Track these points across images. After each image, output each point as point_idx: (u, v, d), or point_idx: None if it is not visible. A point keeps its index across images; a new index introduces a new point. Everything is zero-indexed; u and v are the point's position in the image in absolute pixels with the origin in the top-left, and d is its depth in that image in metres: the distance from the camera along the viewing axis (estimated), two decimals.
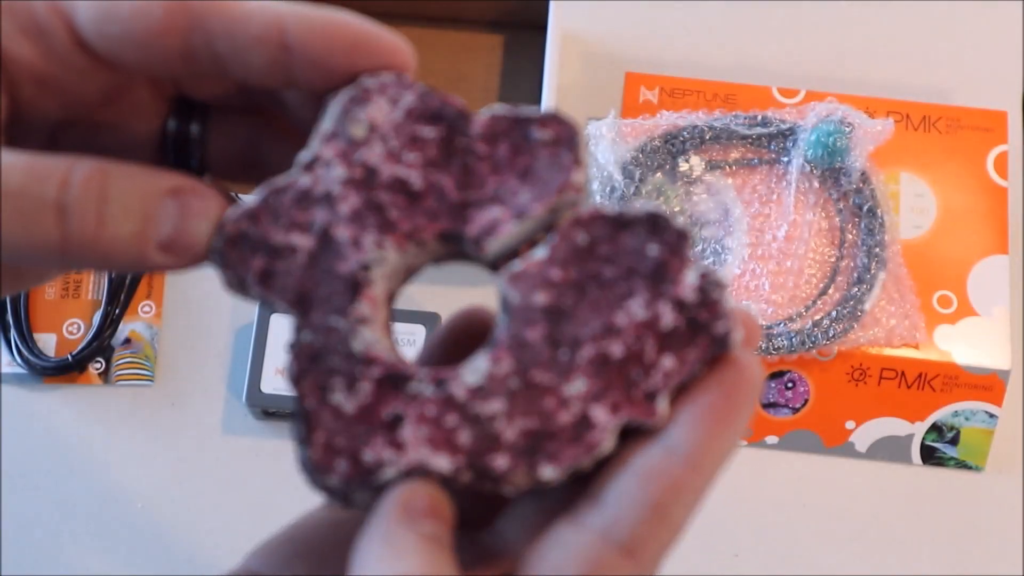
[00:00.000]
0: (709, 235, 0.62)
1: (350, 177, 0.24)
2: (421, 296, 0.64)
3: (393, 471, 0.22)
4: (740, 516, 0.62)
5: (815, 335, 0.60)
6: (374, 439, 0.22)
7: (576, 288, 0.23)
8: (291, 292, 0.23)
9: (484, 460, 0.22)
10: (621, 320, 0.23)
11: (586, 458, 0.22)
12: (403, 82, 0.25)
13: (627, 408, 0.22)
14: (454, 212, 0.24)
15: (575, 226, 0.23)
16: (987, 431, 0.62)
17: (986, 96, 0.69)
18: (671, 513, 0.22)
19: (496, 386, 0.23)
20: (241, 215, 0.24)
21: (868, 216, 0.62)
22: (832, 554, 0.61)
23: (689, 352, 0.23)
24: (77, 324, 0.64)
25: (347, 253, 0.23)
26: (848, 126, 0.61)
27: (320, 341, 0.23)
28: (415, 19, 0.71)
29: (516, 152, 0.24)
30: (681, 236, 0.23)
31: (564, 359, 0.23)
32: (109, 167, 0.23)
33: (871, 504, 0.62)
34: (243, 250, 0.23)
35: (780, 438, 0.62)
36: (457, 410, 0.23)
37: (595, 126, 0.62)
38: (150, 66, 0.24)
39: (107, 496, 0.61)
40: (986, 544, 0.61)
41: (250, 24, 0.23)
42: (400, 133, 0.24)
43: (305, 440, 0.22)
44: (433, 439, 0.22)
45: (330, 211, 0.23)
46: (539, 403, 0.22)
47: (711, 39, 0.71)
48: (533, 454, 0.22)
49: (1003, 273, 0.63)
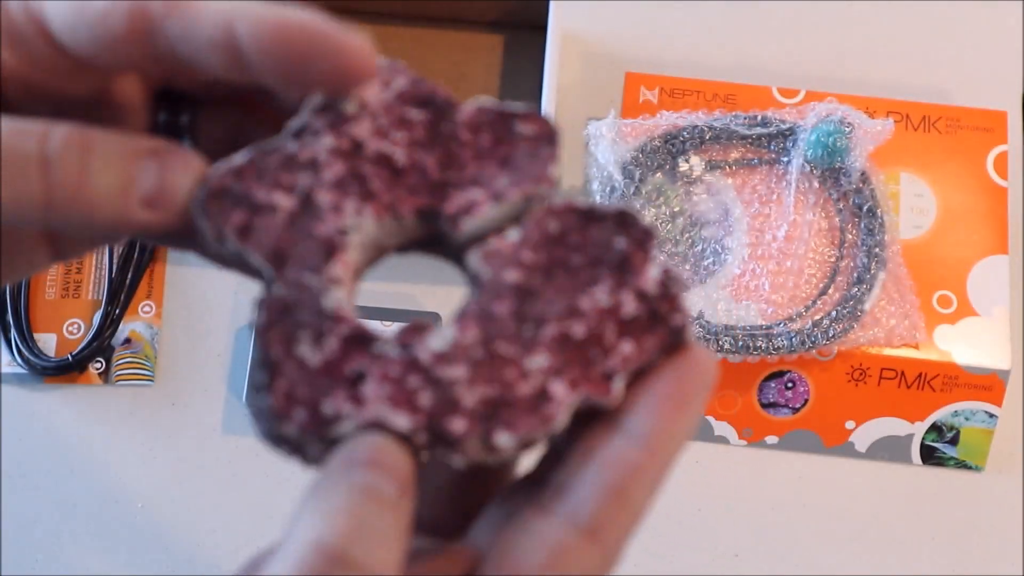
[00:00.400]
0: (709, 235, 0.62)
1: (337, 147, 0.25)
2: (422, 296, 0.64)
3: (350, 425, 0.22)
4: (740, 516, 0.62)
5: (815, 335, 0.60)
6: (335, 392, 0.23)
7: (544, 271, 0.24)
8: (268, 247, 0.24)
9: (442, 422, 0.23)
10: (585, 304, 0.24)
11: (541, 430, 0.23)
12: (396, 67, 0.25)
13: (585, 385, 0.23)
14: (434, 190, 0.25)
15: (548, 215, 0.25)
16: (987, 431, 0.62)
17: (986, 96, 0.69)
18: (632, 497, 0.22)
19: (460, 353, 0.23)
20: (226, 171, 0.24)
21: (868, 216, 0.62)
22: (832, 554, 0.61)
23: (647, 340, 0.24)
24: (77, 324, 0.64)
25: (327, 216, 0.24)
26: (848, 126, 0.61)
27: (292, 296, 0.23)
28: (415, 19, 0.71)
29: (498, 142, 0.25)
30: (647, 233, 0.24)
31: (528, 334, 0.24)
32: (88, 128, 0.23)
33: (871, 504, 0.62)
34: (225, 203, 0.24)
35: (780, 438, 0.62)
36: (420, 372, 0.23)
37: (595, 126, 0.62)
38: (126, 66, 0.24)
39: (107, 496, 0.61)
40: (986, 544, 0.61)
41: (202, 27, 0.23)
42: (389, 113, 0.25)
43: (265, 388, 0.23)
44: (394, 397, 0.23)
45: (314, 176, 0.24)
46: (500, 373, 0.23)
47: (711, 39, 0.71)
48: (490, 420, 0.23)
49: (1003, 273, 0.63)
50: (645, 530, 0.61)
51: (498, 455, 0.23)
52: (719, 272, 0.62)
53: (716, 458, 0.62)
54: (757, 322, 0.60)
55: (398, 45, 0.71)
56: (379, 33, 0.71)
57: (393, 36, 0.71)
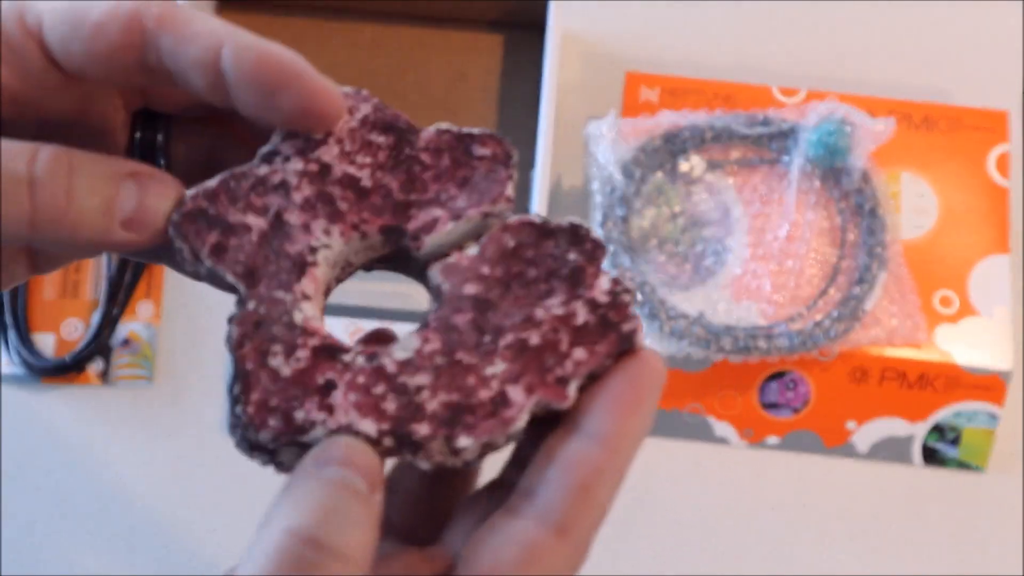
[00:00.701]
0: (710, 235, 0.62)
1: (306, 170, 0.26)
2: (421, 296, 0.64)
3: (322, 431, 0.24)
4: (741, 516, 0.62)
5: (816, 335, 0.59)
6: (307, 401, 0.24)
7: (502, 284, 0.26)
8: (241, 266, 0.25)
9: (407, 427, 0.24)
10: (540, 314, 0.25)
11: (501, 433, 0.24)
12: (361, 96, 0.27)
13: (541, 390, 0.24)
14: (397, 210, 0.26)
15: (505, 231, 0.26)
16: (988, 432, 0.61)
17: (987, 95, 0.69)
18: (596, 494, 0.24)
19: (423, 362, 0.25)
20: (200, 193, 0.26)
21: (869, 216, 0.62)
22: (833, 555, 0.61)
23: (599, 346, 0.25)
24: (76, 324, 0.63)
25: (297, 236, 0.26)
26: (849, 126, 0.61)
27: (264, 311, 0.25)
28: (415, 19, 0.71)
29: (457, 164, 0.27)
30: (597, 246, 0.26)
31: (487, 343, 0.25)
32: (73, 150, 0.25)
33: (872, 505, 0.62)
34: (199, 225, 0.25)
35: (781, 438, 0.62)
36: (386, 380, 0.24)
37: (595, 126, 0.62)
38: (113, 79, 0.26)
39: (107, 496, 0.61)
40: (987, 545, 0.61)
41: (193, 45, 0.25)
42: (355, 138, 0.27)
43: (241, 398, 0.24)
44: (361, 405, 0.24)
45: (285, 198, 0.26)
46: (462, 380, 0.25)
47: (712, 39, 0.71)
48: (452, 424, 0.24)
49: (1004, 273, 0.63)
50: (646, 530, 0.61)
51: (461, 457, 0.24)
52: (720, 272, 0.61)
53: (717, 458, 0.62)
54: (758, 322, 0.60)
55: (398, 45, 0.70)
56: (379, 33, 0.71)
57: (393, 36, 0.71)
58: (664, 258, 0.62)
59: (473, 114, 0.68)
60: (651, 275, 0.61)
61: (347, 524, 0.22)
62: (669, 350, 0.59)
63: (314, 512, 0.22)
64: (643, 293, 0.60)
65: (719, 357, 0.60)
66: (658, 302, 0.59)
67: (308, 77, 0.25)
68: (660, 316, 0.59)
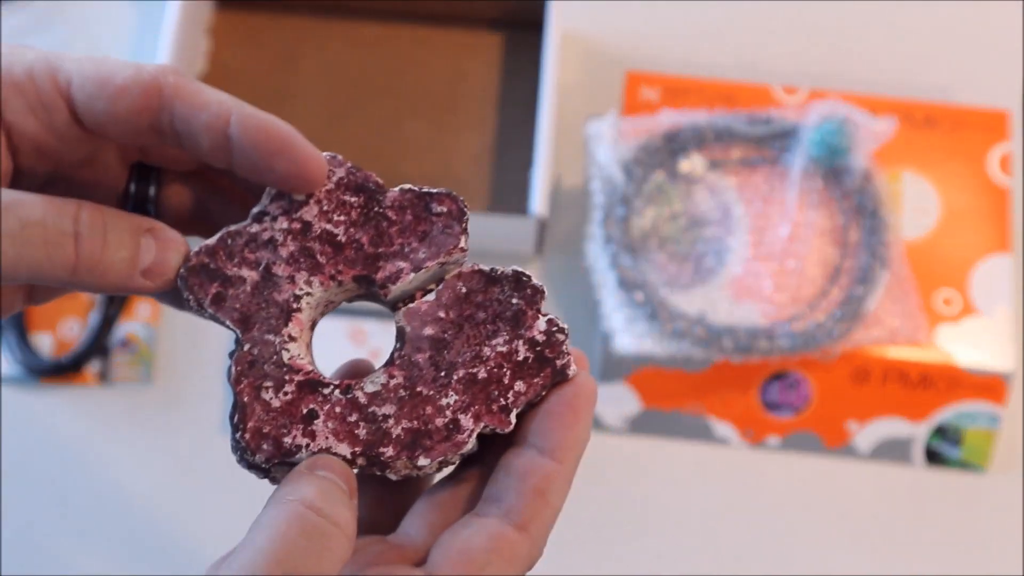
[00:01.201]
0: (711, 235, 0.62)
1: (290, 228, 0.31)
2: None
3: (306, 454, 0.29)
4: (741, 517, 0.62)
5: (817, 335, 0.59)
6: (293, 428, 0.29)
7: (455, 325, 0.31)
8: (237, 312, 0.30)
9: (376, 449, 0.29)
10: (487, 352, 0.30)
11: (453, 453, 0.29)
12: (336, 161, 0.31)
13: (487, 417, 0.30)
14: (368, 261, 0.31)
15: (459, 278, 0.31)
16: (990, 432, 0.61)
17: (988, 95, 0.68)
18: (549, 497, 0.29)
19: (389, 394, 0.30)
20: (203, 250, 0.30)
21: (871, 216, 0.62)
22: (834, 555, 0.61)
23: (536, 379, 0.30)
24: (73, 324, 0.63)
25: (283, 286, 0.31)
26: (851, 125, 0.61)
27: (257, 351, 0.30)
28: (415, 18, 0.70)
29: (418, 220, 0.31)
30: (537, 291, 0.31)
31: (442, 377, 0.30)
32: (104, 208, 0.29)
33: (873, 505, 0.62)
34: (202, 278, 0.30)
35: (782, 439, 0.62)
36: (358, 410, 0.30)
37: (595, 125, 0.62)
38: (126, 137, 0.30)
39: (105, 496, 0.61)
40: (990, 545, 0.61)
41: (204, 112, 0.29)
42: (331, 198, 0.31)
43: (239, 427, 0.29)
44: (338, 431, 0.29)
45: (273, 253, 0.31)
46: (421, 409, 0.30)
47: (713, 38, 0.71)
48: (414, 447, 0.29)
49: (1006, 273, 0.62)
50: (646, 530, 0.61)
51: (423, 471, 0.30)
52: (720, 272, 0.61)
53: (717, 459, 0.62)
54: (759, 322, 0.60)
55: (398, 45, 0.70)
56: (379, 33, 0.71)
57: (393, 36, 0.71)
58: (665, 258, 0.61)
59: (473, 114, 0.68)
60: (652, 275, 0.61)
61: (339, 504, 0.28)
62: (669, 350, 0.59)
63: (315, 492, 0.27)
64: (644, 293, 0.59)
65: (720, 357, 0.60)
66: (659, 302, 0.59)
67: (301, 146, 0.30)
68: (661, 316, 0.59)
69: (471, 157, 0.67)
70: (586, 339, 0.64)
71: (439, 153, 0.67)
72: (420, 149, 0.67)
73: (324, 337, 0.63)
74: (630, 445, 0.62)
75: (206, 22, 0.70)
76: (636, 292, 0.59)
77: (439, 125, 0.68)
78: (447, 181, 0.66)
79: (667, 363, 0.61)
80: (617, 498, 0.62)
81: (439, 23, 0.70)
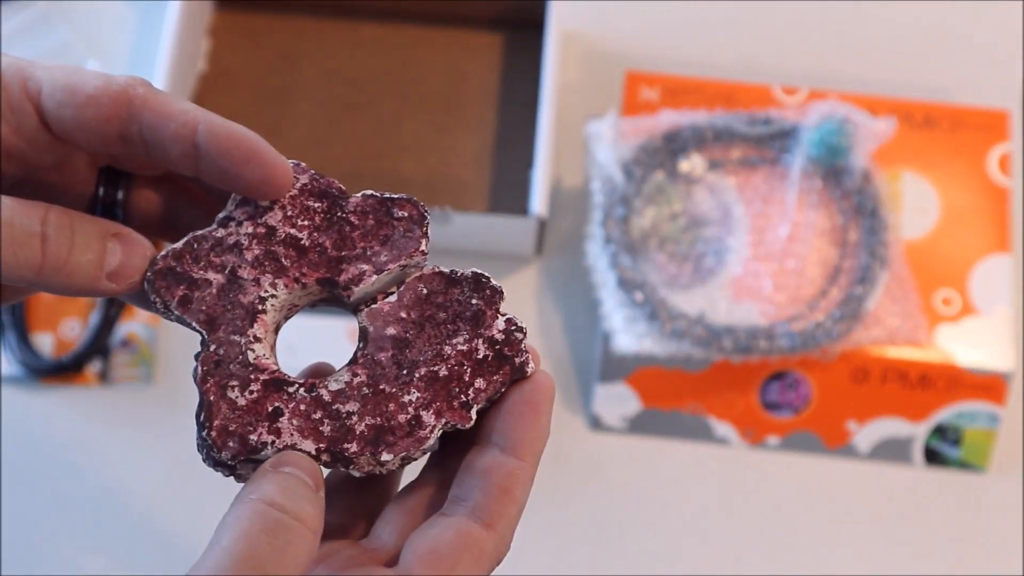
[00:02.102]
0: (710, 235, 0.62)
1: (255, 233, 0.31)
2: None
3: (272, 451, 0.30)
4: (741, 517, 0.62)
5: (817, 335, 0.59)
6: (259, 426, 0.30)
7: (417, 325, 0.31)
8: (203, 314, 0.31)
9: (340, 445, 0.30)
10: (448, 350, 0.31)
11: (416, 449, 0.30)
12: (300, 168, 0.32)
13: (448, 413, 0.30)
14: (331, 264, 0.32)
15: (419, 280, 0.32)
16: (990, 432, 0.61)
17: (988, 95, 0.68)
18: (514, 492, 0.29)
19: (353, 391, 0.30)
20: (169, 254, 0.31)
21: (870, 215, 0.62)
22: (834, 555, 0.61)
23: (496, 376, 0.31)
24: (74, 324, 0.63)
25: (249, 288, 0.31)
26: (850, 125, 0.61)
27: (223, 352, 0.30)
28: (415, 18, 0.70)
29: (380, 224, 0.32)
30: (496, 291, 0.31)
31: (404, 375, 0.31)
32: (72, 212, 0.30)
33: (873, 505, 0.62)
34: (168, 281, 0.31)
35: (782, 439, 0.62)
36: (322, 408, 0.30)
37: (595, 125, 0.62)
38: (95, 144, 0.30)
39: (106, 496, 0.61)
40: (989, 545, 0.61)
41: (172, 123, 0.30)
42: (295, 204, 0.32)
43: (206, 425, 0.30)
44: (303, 428, 0.30)
45: (238, 256, 0.31)
46: (384, 406, 0.30)
47: (713, 38, 0.71)
48: (377, 443, 0.30)
49: (1005, 272, 0.62)
50: (646, 530, 0.61)
51: (386, 467, 0.30)
52: (720, 272, 0.61)
53: (717, 459, 0.62)
54: (759, 322, 0.60)
55: (398, 45, 0.70)
56: (379, 33, 0.71)
57: (393, 36, 0.71)
58: (665, 258, 0.61)
59: (473, 114, 0.68)
60: (652, 275, 0.61)
61: (302, 499, 0.28)
62: (669, 350, 0.59)
63: (276, 489, 0.28)
64: (644, 293, 0.59)
65: (720, 357, 0.60)
66: (658, 302, 0.59)
67: (267, 154, 0.30)
68: (661, 316, 0.59)
69: (471, 157, 0.67)
70: (586, 339, 0.64)
71: (439, 153, 0.67)
72: (420, 149, 0.67)
73: (324, 336, 0.64)
74: (630, 445, 0.62)
75: (206, 22, 0.70)
76: (636, 292, 0.59)
77: (439, 125, 0.68)
78: (447, 181, 0.66)
79: (667, 363, 0.61)
80: (617, 498, 0.62)
81: (439, 23, 0.70)
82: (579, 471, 0.62)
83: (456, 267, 0.32)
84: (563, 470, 0.62)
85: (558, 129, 0.64)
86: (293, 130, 0.67)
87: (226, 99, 0.69)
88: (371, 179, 0.65)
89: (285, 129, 0.67)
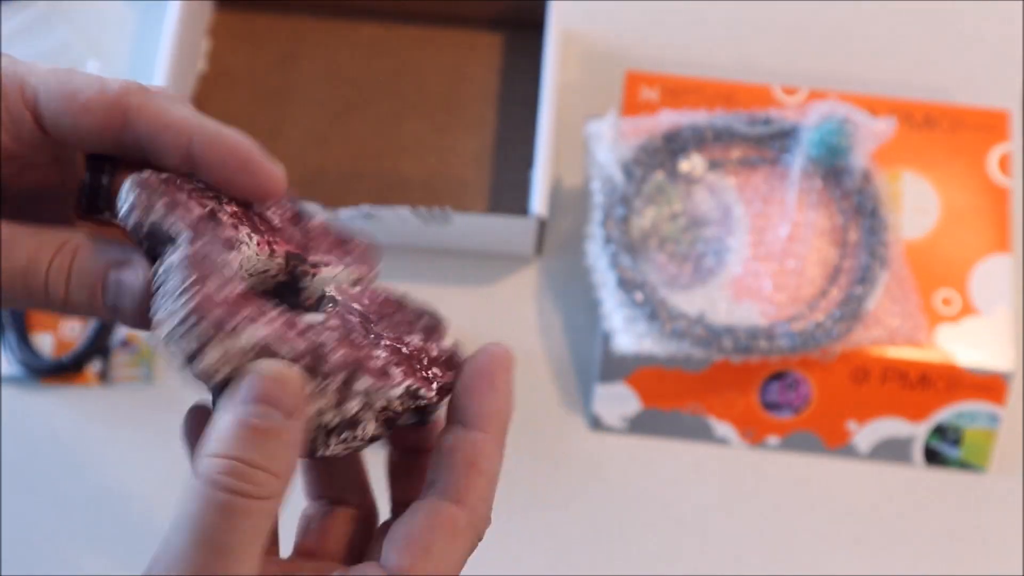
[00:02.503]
0: (710, 235, 0.62)
1: (235, 211, 0.32)
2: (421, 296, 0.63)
3: (248, 337, 0.28)
4: (741, 517, 0.62)
5: (817, 335, 0.59)
6: (241, 311, 0.28)
7: (377, 315, 0.32)
8: (190, 221, 0.30)
9: (324, 354, 0.29)
10: (407, 340, 0.32)
11: (388, 387, 0.30)
12: None
13: (413, 377, 0.30)
14: (300, 247, 0.33)
15: (376, 288, 0.34)
16: (990, 432, 0.61)
17: (988, 95, 0.68)
18: (478, 464, 0.30)
19: (326, 330, 0.30)
20: (154, 174, 0.31)
21: (870, 216, 0.62)
22: (834, 555, 0.61)
23: (451, 371, 0.32)
24: (74, 324, 0.63)
25: (227, 228, 0.31)
26: (850, 125, 0.61)
27: (208, 250, 0.29)
28: (415, 18, 0.70)
29: (341, 242, 0.34)
30: (437, 321, 0.33)
31: (372, 340, 0.31)
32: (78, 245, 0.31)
33: (873, 505, 0.62)
34: (153, 186, 0.30)
35: (782, 439, 0.62)
36: (297, 328, 0.29)
37: (595, 125, 0.62)
38: (91, 147, 0.31)
39: (106, 497, 0.61)
40: (989, 546, 0.61)
41: (168, 131, 0.30)
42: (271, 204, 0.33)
43: (189, 292, 0.28)
44: (281, 333, 0.29)
45: (218, 205, 0.31)
46: (357, 347, 0.30)
47: (712, 37, 0.71)
48: (353, 369, 0.29)
49: (1005, 272, 0.62)
50: (646, 530, 0.61)
51: (352, 401, 0.29)
52: (720, 272, 0.61)
53: (717, 459, 0.62)
54: (759, 322, 0.60)
55: (398, 45, 0.70)
56: (379, 33, 0.71)
57: (393, 36, 0.71)
58: (665, 258, 0.62)
59: (473, 114, 0.68)
60: (652, 275, 0.61)
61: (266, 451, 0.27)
62: (669, 350, 0.59)
63: (235, 442, 0.28)
64: (644, 293, 0.59)
65: (720, 357, 0.60)
66: (658, 302, 0.59)
67: (260, 162, 0.31)
68: (660, 316, 0.59)
69: (471, 157, 0.67)
70: (586, 339, 0.64)
71: (439, 153, 0.67)
72: (420, 149, 0.67)
73: None
74: (630, 445, 0.62)
75: (206, 22, 0.70)
76: (636, 292, 0.59)
77: (439, 125, 0.68)
78: (447, 181, 0.66)
79: (667, 363, 0.61)
80: (617, 498, 0.62)
81: (439, 23, 0.70)
82: (579, 471, 0.62)
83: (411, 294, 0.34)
84: (563, 470, 0.62)
85: (558, 129, 0.64)
86: (293, 130, 0.67)
87: (226, 99, 0.69)
88: (371, 179, 0.65)
89: (285, 129, 0.67)
